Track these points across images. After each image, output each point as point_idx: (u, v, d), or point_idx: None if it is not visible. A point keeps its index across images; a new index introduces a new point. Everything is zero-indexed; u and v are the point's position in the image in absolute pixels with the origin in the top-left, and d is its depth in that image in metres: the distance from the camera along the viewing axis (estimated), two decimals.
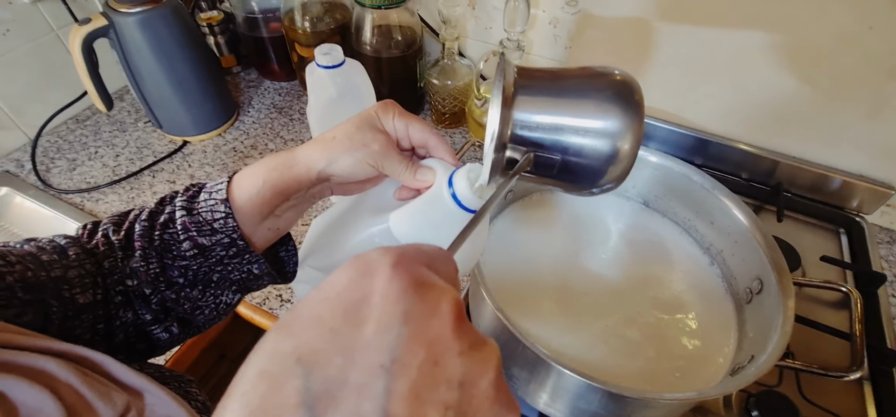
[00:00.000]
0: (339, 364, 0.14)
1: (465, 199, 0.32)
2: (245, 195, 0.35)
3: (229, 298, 0.40)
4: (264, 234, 0.38)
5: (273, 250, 0.43)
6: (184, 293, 0.37)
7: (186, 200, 0.36)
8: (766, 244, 0.45)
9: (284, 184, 0.35)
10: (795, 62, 0.65)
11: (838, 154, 0.71)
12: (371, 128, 0.35)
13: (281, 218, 0.38)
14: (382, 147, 0.34)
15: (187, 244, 0.35)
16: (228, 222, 0.35)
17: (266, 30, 0.93)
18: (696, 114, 0.76)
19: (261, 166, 0.35)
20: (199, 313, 0.39)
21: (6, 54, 0.80)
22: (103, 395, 0.27)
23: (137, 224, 0.35)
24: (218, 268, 0.37)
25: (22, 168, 0.82)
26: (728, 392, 0.36)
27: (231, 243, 0.35)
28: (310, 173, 0.35)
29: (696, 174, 0.52)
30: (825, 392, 0.52)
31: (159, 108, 0.82)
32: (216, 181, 0.36)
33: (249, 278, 0.39)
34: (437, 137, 0.36)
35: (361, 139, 0.34)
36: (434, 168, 0.35)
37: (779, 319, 0.40)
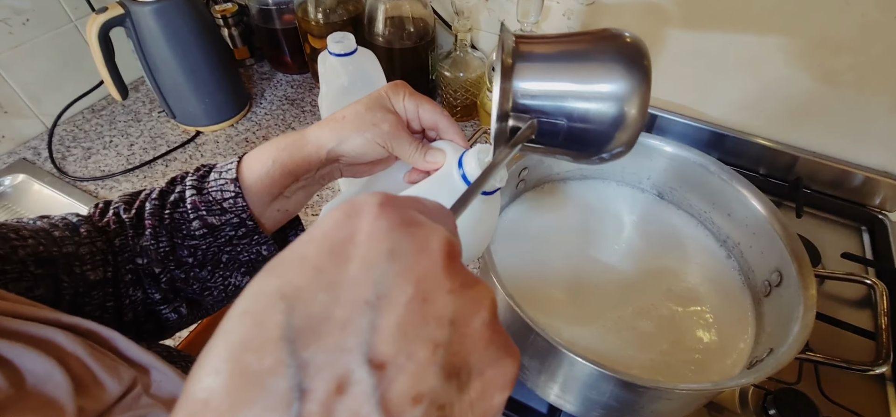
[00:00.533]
0: (323, 300, 0.14)
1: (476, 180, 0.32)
2: (254, 174, 0.35)
3: (238, 280, 0.39)
4: (274, 216, 0.38)
5: (283, 234, 0.43)
6: (193, 273, 0.37)
7: (197, 180, 0.36)
8: (785, 234, 0.44)
9: (294, 163, 0.35)
10: (816, 54, 0.64)
11: (861, 149, 0.69)
12: (381, 108, 0.35)
13: (290, 199, 0.38)
14: (392, 127, 0.34)
15: (197, 223, 0.35)
16: (238, 201, 0.35)
17: (279, 21, 0.93)
18: (713, 108, 0.74)
19: (271, 146, 0.35)
20: (207, 294, 0.39)
21: (26, 43, 0.81)
22: (110, 369, 0.27)
23: (148, 202, 0.35)
24: (227, 249, 0.37)
25: (39, 156, 0.84)
26: (745, 384, 0.35)
27: (240, 223, 0.35)
28: (319, 153, 0.35)
29: (712, 164, 0.51)
30: (846, 390, 0.50)
31: (173, 98, 0.83)
32: (227, 161, 0.36)
33: (258, 260, 0.39)
34: (448, 119, 0.36)
35: (371, 119, 0.34)
36: (444, 150, 0.35)
37: (799, 311, 0.39)
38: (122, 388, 0.27)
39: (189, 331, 0.61)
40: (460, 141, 0.36)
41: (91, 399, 0.25)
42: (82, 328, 0.28)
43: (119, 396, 0.27)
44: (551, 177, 0.59)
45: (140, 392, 0.28)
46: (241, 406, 0.12)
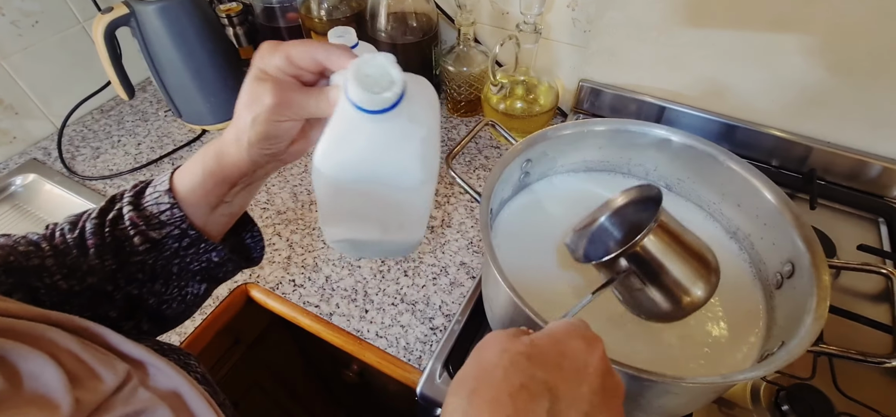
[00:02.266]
0: (567, 401, 0.25)
1: (362, 101, 0.27)
2: (187, 186, 0.34)
3: (195, 289, 0.39)
4: (219, 220, 0.37)
5: (238, 237, 0.42)
6: (146, 288, 0.36)
7: (133, 196, 0.35)
8: (798, 225, 0.43)
9: (224, 171, 0.34)
10: (830, 40, 0.62)
11: (877, 138, 0.67)
12: (257, 83, 0.30)
13: (233, 203, 0.36)
14: (276, 96, 0.30)
15: (138, 239, 0.34)
16: (175, 212, 0.34)
17: (283, 20, 0.93)
18: (723, 99, 0.73)
19: (198, 158, 0.34)
20: (166, 307, 0.38)
21: (35, 45, 0.82)
22: (104, 361, 0.27)
23: (89, 222, 0.35)
24: (175, 261, 0.36)
25: (49, 155, 0.85)
26: (756, 377, 0.34)
27: (182, 234, 0.35)
28: (241, 156, 0.32)
29: (721, 154, 0.50)
30: (863, 385, 0.48)
31: (179, 97, 0.84)
32: (161, 175, 0.36)
33: (210, 267, 0.38)
34: (324, 48, 0.31)
35: (254, 100, 0.30)
36: (338, 83, 0.30)
37: (812, 302, 0.38)
38: (118, 380, 0.27)
39: (190, 331, 0.61)
40: (349, 63, 0.30)
41: (88, 390, 0.25)
42: (73, 324, 0.28)
43: (116, 388, 0.27)
44: (556, 169, 0.58)
45: (137, 385, 0.28)
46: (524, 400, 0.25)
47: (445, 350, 0.56)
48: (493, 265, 0.41)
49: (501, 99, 0.80)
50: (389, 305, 0.62)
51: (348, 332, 0.60)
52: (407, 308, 0.62)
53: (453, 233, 0.70)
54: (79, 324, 0.29)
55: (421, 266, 0.66)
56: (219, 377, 0.74)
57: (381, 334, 0.59)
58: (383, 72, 0.28)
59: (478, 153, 0.82)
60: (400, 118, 0.29)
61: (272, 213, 0.74)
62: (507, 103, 0.80)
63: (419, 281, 0.65)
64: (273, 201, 0.76)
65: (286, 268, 0.67)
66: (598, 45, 0.76)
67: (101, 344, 0.29)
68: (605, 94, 0.80)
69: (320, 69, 0.31)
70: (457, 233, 0.70)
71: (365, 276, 0.65)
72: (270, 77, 0.30)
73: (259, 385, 0.86)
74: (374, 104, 0.27)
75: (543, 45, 0.83)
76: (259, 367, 0.83)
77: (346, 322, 0.61)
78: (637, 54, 0.74)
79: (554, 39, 0.82)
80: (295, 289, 0.64)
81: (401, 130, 0.30)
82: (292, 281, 0.65)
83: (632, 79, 0.78)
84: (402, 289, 0.64)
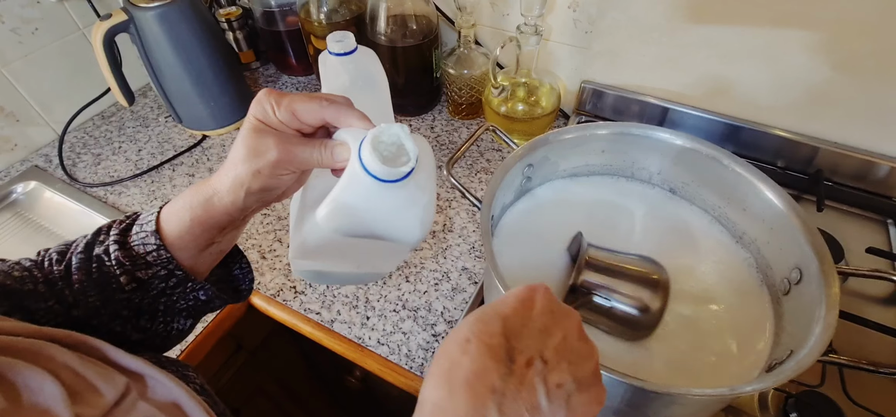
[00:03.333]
0: (521, 324, 0.27)
1: (378, 171, 0.29)
2: (175, 231, 0.33)
3: (181, 324, 0.38)
4: (207, 259, 0.36)
5: (227, 269, 0.42)
6: (130, 324, 0.35)
7: (119, 234, 0.34)
8: (805, 230, 0.42)
9: (214, 219, 0.33)
10: (835, 39, 0.61)
11: (885, 138, 0.66)
12: (259, 136, 0.31)
13: (221, 242, 0.36)
14: (280, 151, 0.31)
15: (124, 278, 0.33)
16: (162, 254, 0.33)
17: (283, 24, 0.93)
18: (727, 99, 0.72)
19: (184, 203, 0.33)
20: (150, 343, 0.37)
21: (35, 52, 0.82)
22: (103, 376, 0.27)
23: (75, 256, 0.34)
24: (162, 300, 0.35)
25: (50, 163, 0.85)
26: (764, 388, 0.33)
27: (169, 274, 0.34)
28: (236, 205, 0.32)
29: (726, 157, 0.49)
30: (873, 392, 0.47)
31: (179, 102, 0.83)
32: (148, 212, 0.35)
33: (197, 305, 0.37)
34: (334, 106, 0.31)
35: (256, 155, 0.31)
36: (346, 141, 0.31)
37: (821, 310, 0.37)
38: (117, 393, 0.27)
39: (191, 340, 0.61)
40: (359, 123, 0.31)
41: (87, 405, 0.25)
42: (70, 339, 0.28)
43: (115, 401, 0.27)
44: (558, 173, 0.58)
45: (136, 398, 0.28)
46: (484, 356, 0.25)
47: None
48: (494, 273, 0.40)
49: (503, 101, 0.79)
50: (391, 312, 0.62)
51: (350, 339, 0.60)
52: (408, 314, 0.61)
53: (455, 238, 0.69)
54: (77, 339, 0.29)
55: (422, 271, 0.66)
56: (221, 384, 0.74)
57: (382, 341, 0.59)
58: (397, 142, 0.30)
59: (480, 156, 0.82)
60: (408, 186, 0.31)
61: (273, 220, 0.73)
62: (509, 105, 0.79)
63: (421, 286, 0.64)
64: (274, 207, 0.75)
65: (287, 275, 0.66)
66: (599, 46, 0.76)
67: (99, 357, 0.29)
68: (608, 96, 0.79)
69: (323, 126, 0.32)
70: (459, 238, 0.69)
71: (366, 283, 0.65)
72: (273, 131, 0.31)
73: (262, 391, 0.85)
74: (389, 175, 0.29)
75: (545, 46, 0.82)
76: (262, 373, 0.83)
77: (348, 329, 0.60)
78: (639, 55, 0.74)
79: (555, 41, 0.81)
80: (296, 296, 0.64)
81: (407, 197, 0.31)
82: (293, 288, 0.65)
83: (634, 80, 0.77)
84: (403, 296, 0.63)
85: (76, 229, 0.79)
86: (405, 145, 0.30)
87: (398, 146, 0.30)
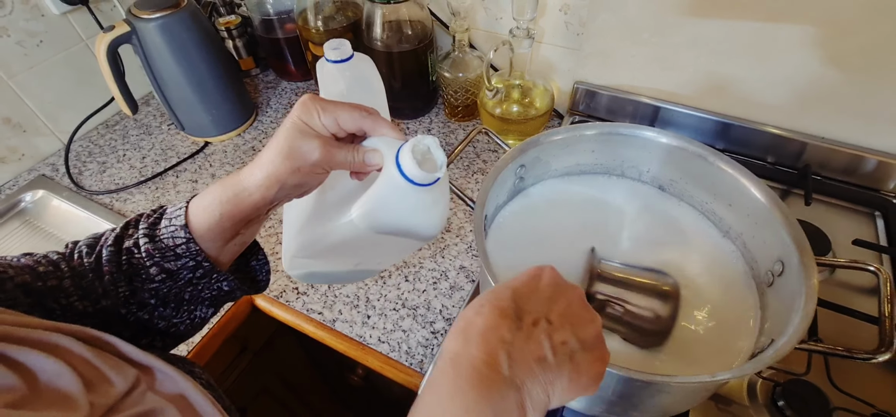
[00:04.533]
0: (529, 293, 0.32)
1: (415, 176, 0.33)
2: (203, 225, 0.35)
3: (203, 312, 0.40)
4: (231, 250, 0.38)
5: (244, 260, 0.44)
6: (157, 312, 0.37)
7: (148, 227, 0.36)
8: (786, 222, 0.43)
9: (242, 213, 0.35)
10: (822, 36, 0.62)
11: (872, 132, 0.67)
12: (303, 136, 0.34)
13: (245, 234, 0.38)
14: (322, 153, 0.34)
15: (154, 269, 0.35)
16: (191, 247, 0.35)
17: (281, 31, 0.95)
18: (718, 97, 0.73)
19: (213, 198, 0.35)
20: (174, 330, 0.40)
21: (40, 64, 0.84)
22: (115, 367, 0.29)
23: (105, 249, 0.36)
24: (188, 289, 0.37)
25: (57, 171, 0.87)
26: (745, 375, 0.35)
27: (197, 265, 0.36)
28: (265, 200, 0.35)
29: (711, 154, 0.50)
30: (857, 380, 0.49)
31: (181, 110, 0.85)
32: (175, 205, 0.37)
33: (220, 295, 0.39)
34: (371, 117, 0.35)
35: (299, 154, 0.34)
36: (378, 148, 0.36)
37: (800, 301, 0.38)
38: (127, 384, 0.28)
39: (197, 341, 0.63)
40: (391, 133, 0.36)
41: (100, 394, 0.27)
42: (84, 334, 0.30)
43: (125, 392, 0.28)
44: (550, 173, 0.59)
45: (145, 390, 0.29)
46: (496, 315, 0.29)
47: None
48: (487, 271, 0.42)
49: (497, 103, 0.81)
50: (391, 310, 0.63)
51: (351, 338, 0.61)
52: (408, 312, 0.63)
53: (453, 238, 0.71)
54: (90, 334, 0.30)
55: (421, 271, 0.67)
56: (227, 384, 0.76)
57: (383, 339, 0.61)
58: (426, 151, 0.34)
59: (476, 157, 0.83)
60: (435, 189, 0.35)
61: (275, 222, 0.75)
62: (504, 107, 0.81)
63: (419, 285, 0.66)
64: (276, 210, 0.77)
65: (290, 277, 0.68)
66: (591, 47, 0.77)
67: (111, 351, 0.30)
68: (601, 96, 0.81)
69: (359, 132, 0.36)
70: (456, 238, 0.71)
71: (366, 282, 0.66)
72: (316, 133, 0.34)
73: (267, 390, 0.87)
74: (425, 179, 0.34)
75: (538, 48, 0.84)
76: (267, 373, 0.85)
77: (349, 328, 0.62)
78: (630, 55, 0.75)
79: (548, 43, 0.82)
80: (298, 297, 0.66)
81: (433, 198, 0.36)
82: (296, 289, 0.67)
83: (626, 80, 0.78)
84: (403, 295, 0.65)
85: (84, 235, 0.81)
86: (434, 154, 0.35)
87: (424, 153, 0.34)
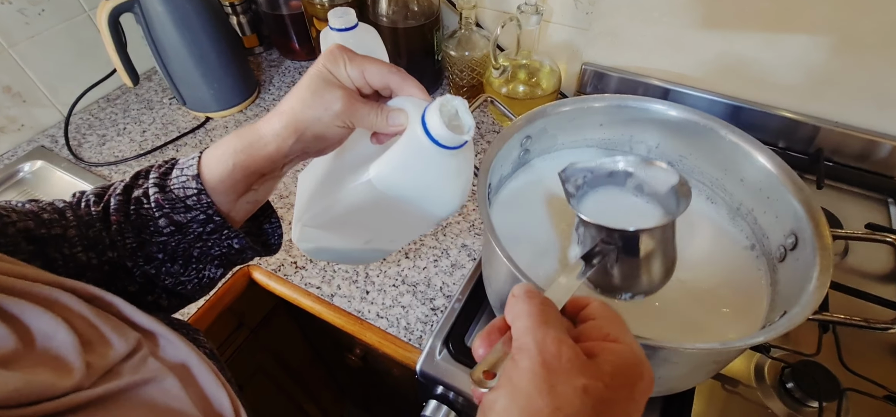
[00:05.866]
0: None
1: (441, 137, 0.31)
2: (215, 176, 0.34)
3: (212, 272, 0.39)
4: (243, 207, 0.37)
5: (257, 222, 0.42)
6: (164, 268, 0.36)
7: (158, 177, 0.35)
8: (798, 192, 0.42)
9: (256, 164, 0.34)
10: (837, 17, 0.60)
11: (886, 117, 0.66)
12: (327, 85, 0.32)
13: (259, 191, 0.37)
14: (345, 104, 0.32)
15: (163, 221, 0.34)
16: (202, 198, 0.34)
17: (286, 8, 0.94)
18: (728, 79, 0.72)
19: (227, 147, 0.34)
20: (181, 288, 0.38)
21: (41, 33, 0.83)
22: (116, 328, 0.28)
23: (113, 198, 0.34)
24: (197, 244, 0.36)
25: (56, 143, 0.86)
26: (755, 344, 0.33)
27: (207, 219, 0.34)
28: (281, 151, 0.33)
29: (722, 127, 0.49)
30: (868, 361, 0.47)
31: (183, 84, 0.84)
32: (188, 157, 0.35)
33: (230, 253, 0.38)
34: (399, 74, 0.34)
35: (321, 103, 0.32)
36: (404, 108, 0.33)
37: (814, 271, 0.37)
38: (128, 347, 0.27)
39: (192, 312, 0.62)
40: (419, 93, 0.34)
41: (97, 355, 0.26)
42: (86, 292, 0.29)
43: (125, 355, 0.27)
44: (556, 146, 0.58)
45: (147, 354, 0.28)
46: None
47: (445, 328, 0.56)
48: (492, 238, 0.41)
49: (503, 82, 0.79)
50: (390, 286, 0.62)
51: (349, 313, 0.60)
52: (408, 289, 0.62)
53: (455, 216, 0.70)
54: (92, 292, 0.29)
55: (422, 248, 0.66)
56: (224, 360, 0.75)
57: (381, 314, 0.60)
58: (453, 114, 0.32)
59: (480, 138, 0.82)
60: (459, 156, 0.33)
61: (274, 198, 0.74)
62: (510, 87, 0.79)
63: (420, 263, 0.65)
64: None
65: (288, 250, 0.67)
66: (600, 26, 0.76)
67: (113, 312, 0.29)
68: (609, 77, 0.79)
69: (385, 89, 0.34)
70: (458, 216, 0.70)
71: None
72: (340, 84, 0.32)
73: (263, 369, 0.86)
74: (452, 141, 0.31)
75: (545, 27, 0.82)
76: (263, 352, 0.84)
77: (348, 303, 0.61)
78: (640, 36, 0.74)
79: (556, 22, 0.81)
80: (296, 271, 0.65)
81: (456, 166, 0.34)
82: (294, 264, 0.66)
83: (635, 61, 0.77)
84: (403, 271, 0.64)
85: None
86: (462, 117, 0.32)
87: (451, 115, 0.32)
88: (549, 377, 0.23)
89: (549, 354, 0.23)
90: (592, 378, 0.23)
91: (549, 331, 0.24)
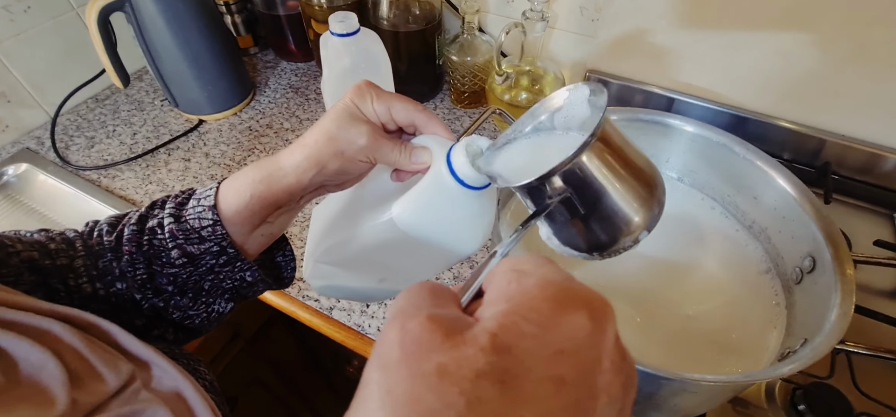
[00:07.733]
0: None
1: (467, 177, 0.30)
2: (232, 207, 0.33)
3: (221, 307, 0.38)
4: (258, 240, 0.36)
5: (269, 255, 0.42)
6: (173, 301, 0.35)
7: (175, 207, 0.34)
8: (818, 217, 0.41)
9: (274, 196, 0.33)
10: (846, 28, 0.60)
11: (893, 131, 0.65)
12: (352, 120, 0.32)
13: (274, 224, 0.36)
14: (369, 139, 0.32)
15: (176, 252, 0.33)
16: (217, 229, 0.33)
17: (283, 8, 0.91)
18: (733, 89, 0.71)
19: (246, 178, 0.33)
20: (189, 322, 0.37)
21: (27, 31, 0.80)
22: (108, 362, 0.27)
23: (127, 228, 0.34)
24: (209, 277, 0.35)
25: (42, 145, 0.83)
26: (779, 376, 0.32)
27: (221, 251, 0.34)
28: (300, 183, 0.33)
29: (737, 144, 0.48)
30: (883, 385, 0.47)
31: (175, 85, 0.82)
32: (206, 187, 0.35)
33: (242, 286, 0.37)
34: (425, 113, 0.33)
35: (346, 136, 0.32)
36: (428, 146, 0.33)
37: (835, 298, 0.36)
38: (120, 381, 0.26)
39: None
40: (443, 132, 0.33)
41: (86, 392, 0.25)
42: (81, 320, 0.28)
43: (117, 389, 0.26)
44: None
45: (139, 387, 0.27)
46: None
47: None
48: None
49: (506, 89, 0.78)
50: (391, 300, 0.60)
51: (349, 327, 0.58)
52: None
53: None
54: (88, 320, 0.28)
55: None
56: (218, 372, 0.73)
57: (382, 329, 0.58)
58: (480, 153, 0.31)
59: None
60: (483, 197, 0.32)
61: None
62: (512, 94, 0.78)
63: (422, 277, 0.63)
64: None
65: None
66: (606, 34, 0.74)
67: (108, 342, 0.28)
68: (613, 86, 0.78)
69: (410, 127, 0.34)
70: None
71: None
72: (366, 119, 0.32)
73: (260, 380, 0.84)
74: (476, 182, 0.30)
75: (550, 35, 0.81)
76: (260, 362, 0.82)
77: (347, 317, 0.59)
78: (646, 44, 0.72)
79: (561, 29, 0.80)
80: (294, 284, 0.63)
81: (480, 207, 0.33)
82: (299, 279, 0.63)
83: (640, 69, 0.76)
84: None
85: (69, 212, 0.77)
86: None
87: (476, 155, 0.31)
88: (386, 380, 0.15)
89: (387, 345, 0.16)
90: (454, 349, 0.15)
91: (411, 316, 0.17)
